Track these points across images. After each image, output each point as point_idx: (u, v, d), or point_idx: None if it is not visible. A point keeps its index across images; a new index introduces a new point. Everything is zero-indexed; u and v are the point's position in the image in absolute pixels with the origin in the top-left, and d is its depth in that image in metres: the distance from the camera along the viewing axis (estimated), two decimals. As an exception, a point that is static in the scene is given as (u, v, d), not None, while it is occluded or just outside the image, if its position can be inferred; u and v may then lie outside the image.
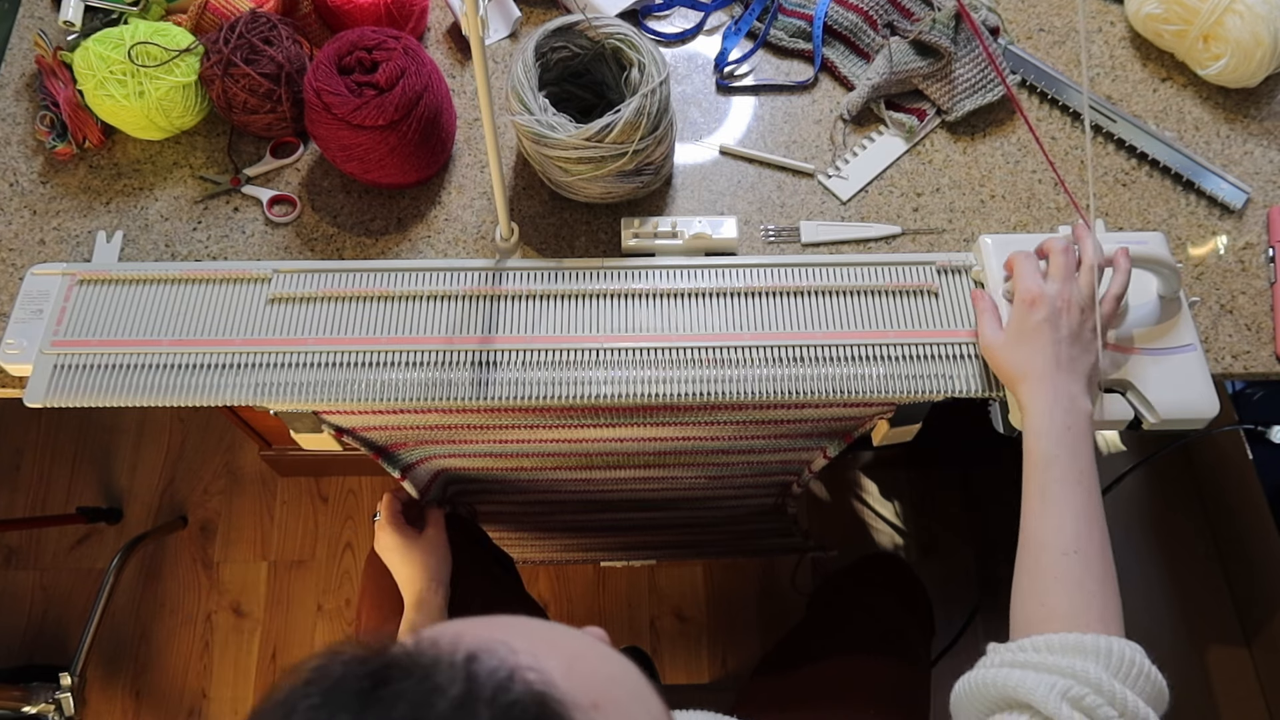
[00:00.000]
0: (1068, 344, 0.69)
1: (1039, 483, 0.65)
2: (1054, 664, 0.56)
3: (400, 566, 0.89)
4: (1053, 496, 0.64)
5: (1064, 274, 0.71)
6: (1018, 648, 0.60)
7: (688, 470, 1.07)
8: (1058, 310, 0.69)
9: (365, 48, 0.82)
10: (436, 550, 0.89)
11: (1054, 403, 0.66)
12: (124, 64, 0.84)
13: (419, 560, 0.88)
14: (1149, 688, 0.57)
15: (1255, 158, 0.90)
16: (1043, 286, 0.70)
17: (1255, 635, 1.44)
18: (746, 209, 0.88)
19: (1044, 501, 0.64)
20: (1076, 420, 0.66)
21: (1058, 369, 0.68)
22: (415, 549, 0.88)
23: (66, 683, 1.32)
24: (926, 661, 0.99)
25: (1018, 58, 0.93)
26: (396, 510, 0.91)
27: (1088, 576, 0.62)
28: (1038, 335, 0.69)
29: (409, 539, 0.89)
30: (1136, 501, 1.57)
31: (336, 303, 0.81)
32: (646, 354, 0.79)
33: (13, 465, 1.65)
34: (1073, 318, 0.69)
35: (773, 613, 1.53)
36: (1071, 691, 0.54)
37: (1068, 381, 0.67)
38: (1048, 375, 0.67)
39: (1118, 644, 0.57)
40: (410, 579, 0.87)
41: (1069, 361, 0.68)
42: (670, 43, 0.98)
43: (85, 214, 0.88)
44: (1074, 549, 0.62)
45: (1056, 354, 0.68)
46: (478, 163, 0.91)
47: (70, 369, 0.78)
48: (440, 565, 0.89)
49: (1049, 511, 0.64)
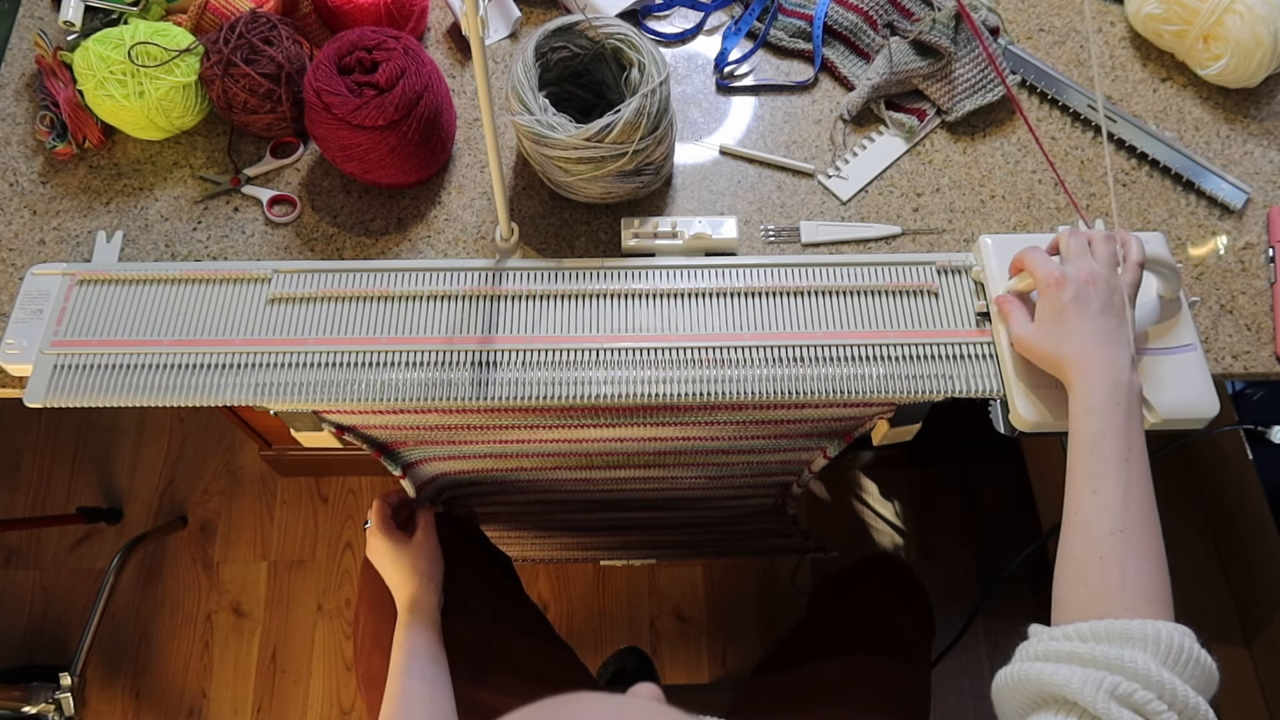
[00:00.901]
0: (1101, 317, 0.67)
1: (1084, 459, 0.63)
2: (1099, 655, 0.54)
3: (391, 571, 0.89)
4: (1099, 474, 0.62)
5: (1078, 252, 0.70)
6: (1061, 635, 0.58)
7: (688, 470, 1.07)
8: (1083, 285, 0.67)
9: (365, 48, 0.82)
10: (426, 552, 0.89)
11: (1102, 377, 0.64)
12: (124, 64, 0.84)
13: (409, 563, 0.88)
14: (1199, 673, 0.54)
15: (1255, 158, 0.90)
16: (1061, 268, 0.69)
17: (1255, 635, 1.44)
18: (746, 209, 0.88)
19: (1089, 479, 0.62)
20: (1125, 394, 0.64)
21: (1099, 344, 0.66)
22: (405, 552, 0.88)
23: (66, 683, 1.32)
24: (926, 662, 0.99)
25: (1018, 58, 0.93)
26: (386, 515, 0.91)
27: (1135, 555, 0.59)
28: (1069, 316, 0.67)
29: (399, 543, 0.89)
30: (1136, 501, 1.57)
31: (336, 303, 0.81)
32: (646, 354, 0.79)
33: (13, 465, 1.65)
34: (1100, 290, 0.68)
35: (773, 613, 1.53)
36: (1120, 689, 0.51)
37: (1112, 354, 0.65)
38: (1091, 351, 0.66)
39: (1165, 629, 0.55)
40: (402, 583, 0.88)
41: (1109, 333, 0.66)
42: (670, 43, 0.98)
43: (85, 214, 0.88)
44: (1120, 528, 0.60)
45: (1094, 329, 0.66)
46: (478, 163, 0.91)
47: (70, 369, 0.78)
48: (431, 566, 0.89)
49: (1095, 489, 0.62)
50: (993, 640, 1.49)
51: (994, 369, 0.77)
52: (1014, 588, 1.53)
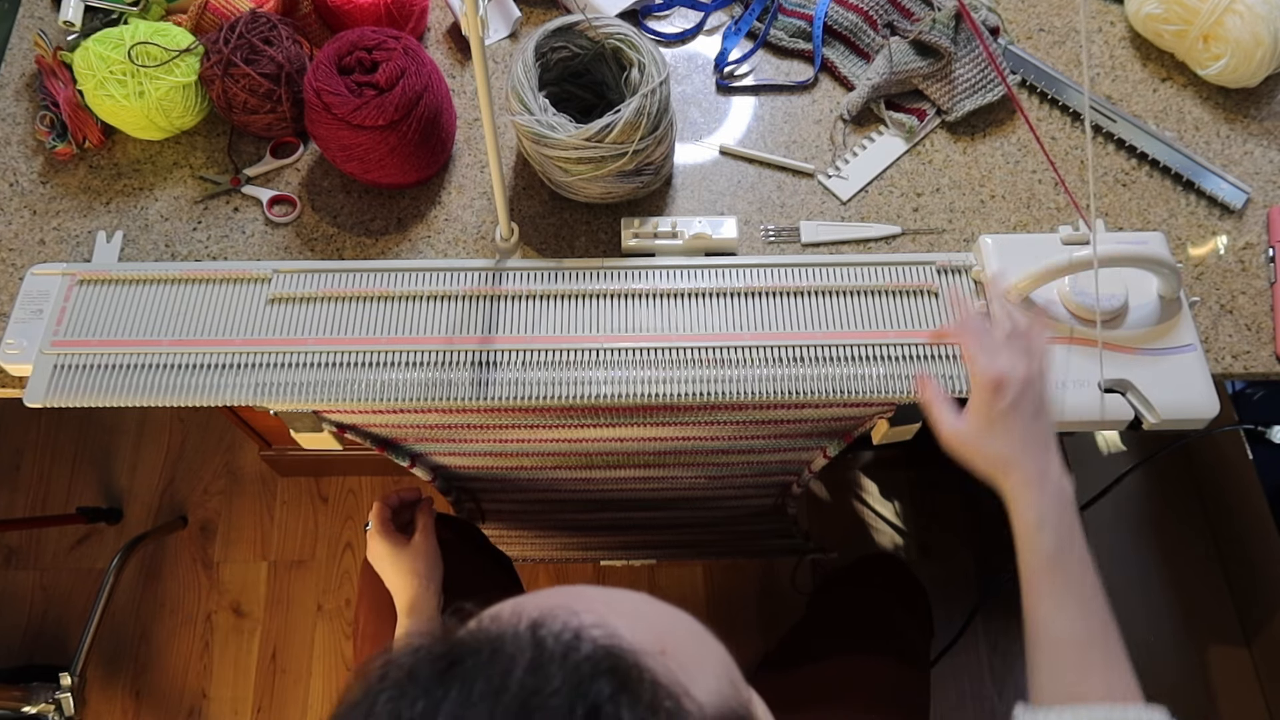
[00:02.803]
0: (1034, 422, 0.66)
1: (1046, 577, 0.63)
2: None
3: (390, 574, 0.89)
4: (1063, 589, 0.63)
5: (1018, 345, 0.68)
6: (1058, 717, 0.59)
7: (688, 470, 1.07)
8: (1022, 390, 0.66)
9: (365, 48, 0.82)
10: (425, 554, 0.89)
11: (1042, 491, 0.64)
12: (124, 64, 0.84)
13: (408, 565, 0.88)
14: None
15: (1255, 158, 0.90)
16: (1002, 368, 0.66)
17: (1255, 635, 1.44)
18: (746, 209, 0.88)
19: (1053, 595, 0.63)
20: (1068, 501, 0.64)
21: (1037, 452, 0.65)
22: (404, 555, 0.88)
23: (66, 683, 1.32)
24: (926, 661, 0.99)
25: (1018, 58, 0.93)
26: (386, 518, 0.91)
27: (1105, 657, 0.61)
28: (1007, 421, 0.65)
29: (398, 545, 0.88)
30: (1136, 501, 1.57)
31: (336, 303, 0.81)
32: (646, 354, 0.79)
33: (13, 465, 1.65)
34: (1036, 392, 0.66)
35: (773, 613, 1.53)
36: None
37: (1046, 461, 0.65)
38: (1029, 463, 0.65)
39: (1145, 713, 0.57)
40: (401, 586, 0.87)
41: (1042, 440, 0.65)
42: (670, 43, 0.98)
43: (85, 214, 0.88)
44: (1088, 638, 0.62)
45: (1031, 436, 0.65)
46: (478, 163, 0.91)
47: (70, 369, 0.78)
48: (430, 568, 0.89)
49: (1059, 604, 0.63)
50: (992, 640, 1.49)
51: (994, 369, 0.77)
52: (1014, 587, 1.52)
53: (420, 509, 0.93)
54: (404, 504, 0.96)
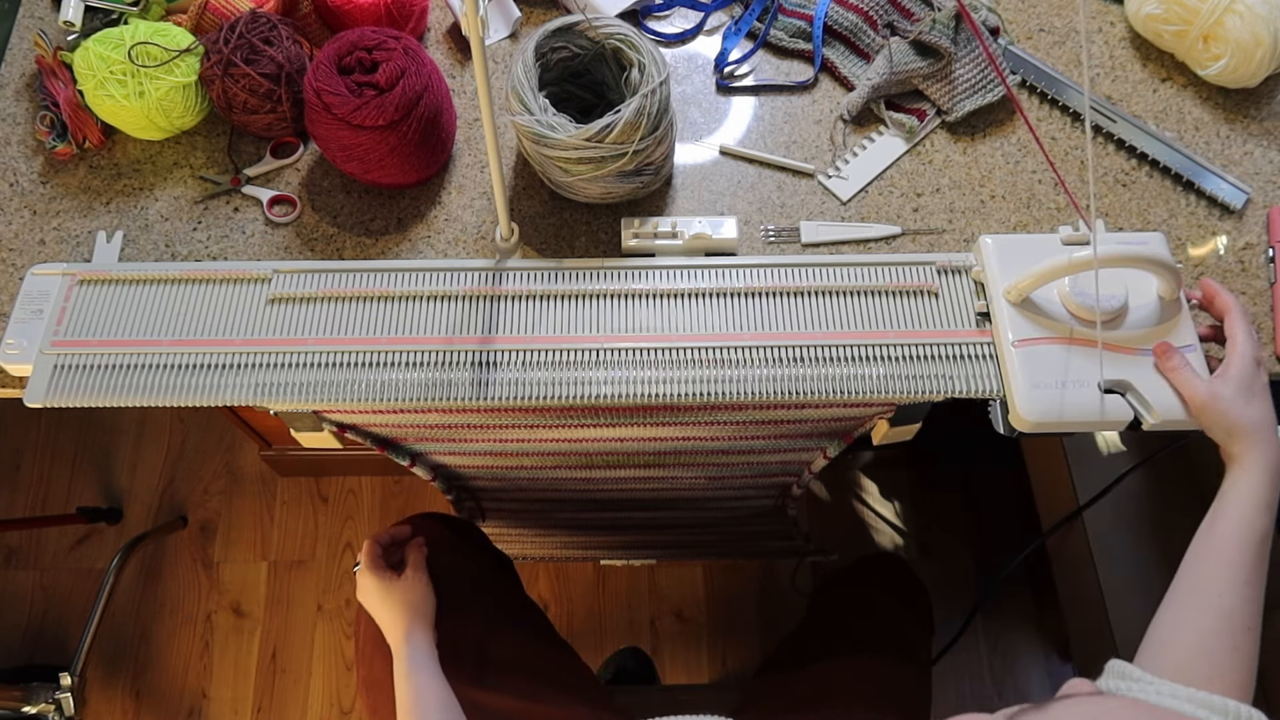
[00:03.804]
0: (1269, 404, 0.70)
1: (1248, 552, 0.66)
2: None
3: (381, 610, 0.88)
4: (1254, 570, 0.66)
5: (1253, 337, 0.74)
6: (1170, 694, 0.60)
7: (688, 470, 1.07)
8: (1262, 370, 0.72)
9: (365, 48, 0.82)
10: (417, 588, 0.89)
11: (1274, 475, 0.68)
12: (124, 64, 0.84)
13: (399, 600, 0.87)
14: None
15: (1255, 158, 0.90)
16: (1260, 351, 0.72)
17: (1255, 635, 1.44)
18: (746, 209, 0.88)
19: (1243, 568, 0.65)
20: None
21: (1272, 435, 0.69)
22: (395, 590, 0.87)
23: (66, 683, 1.32)
24: (927, 661, 0.99)
25: (1018, 58, 0.93)
26: (376, 555, 0.91)
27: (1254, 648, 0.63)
28: (1264, 394, 0.70)
29: (388, 581, 0.88)
30: (1136, 501, 1.57)
31: (336, 303, 0.81)
32: (646, 354, 0.79)
33: (13, 465, 1.65)
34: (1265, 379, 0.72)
35: (773, 613, 1.53)
36: None
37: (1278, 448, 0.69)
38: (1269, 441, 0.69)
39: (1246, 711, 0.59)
40: (393, 623, 0.87)
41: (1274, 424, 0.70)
42: (670, 43, 0.98)
43: (85, 214, 0.88)
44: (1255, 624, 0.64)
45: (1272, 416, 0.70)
46: (478, 163, 0.91)
47: (70, 369, 0.78)
48: (422, 601, 0.88)
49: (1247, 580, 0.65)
50: (992, 640, 1.49)
51: (994, 369, 0.77)
52: (1014, 587, 1.53)
53: (411, 546, 0.93)
54: (395, 542, 0.95)
